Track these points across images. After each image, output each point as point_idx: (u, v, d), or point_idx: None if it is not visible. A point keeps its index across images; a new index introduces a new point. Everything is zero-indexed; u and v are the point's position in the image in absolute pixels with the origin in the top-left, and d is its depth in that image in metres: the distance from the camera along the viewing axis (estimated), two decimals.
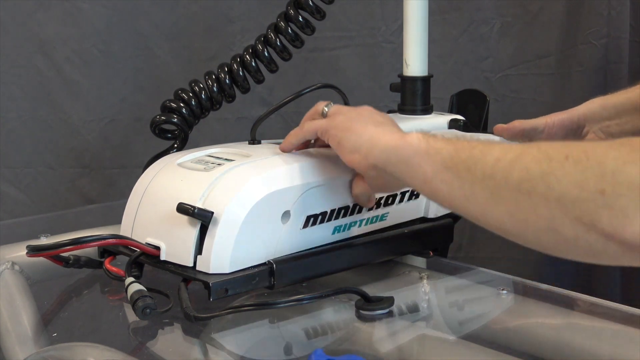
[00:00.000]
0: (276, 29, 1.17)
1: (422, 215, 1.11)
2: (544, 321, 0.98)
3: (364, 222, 1.04)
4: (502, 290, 1.01)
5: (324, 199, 0.99)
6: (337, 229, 1.02)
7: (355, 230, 1.04)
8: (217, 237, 0.92)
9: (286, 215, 0.96)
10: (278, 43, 1.17)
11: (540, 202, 0.76)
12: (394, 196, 1.06)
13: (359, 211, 1.03)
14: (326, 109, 1.00)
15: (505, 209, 0.79)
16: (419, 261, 1.10)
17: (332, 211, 1.00)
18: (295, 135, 1.00)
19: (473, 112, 1.18)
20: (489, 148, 0.82)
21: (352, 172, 1.00)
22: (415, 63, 1.16)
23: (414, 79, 1.16)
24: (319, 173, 0.99)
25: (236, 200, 0.93)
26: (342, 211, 1.01)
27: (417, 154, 0.88)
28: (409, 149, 0.88)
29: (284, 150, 1.01)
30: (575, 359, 0.89)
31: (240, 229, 0.93)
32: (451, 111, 1.20)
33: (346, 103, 1.07)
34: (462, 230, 1.57)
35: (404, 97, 1.17)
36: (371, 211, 1.04)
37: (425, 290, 1.05)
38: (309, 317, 0.96)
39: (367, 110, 0.98)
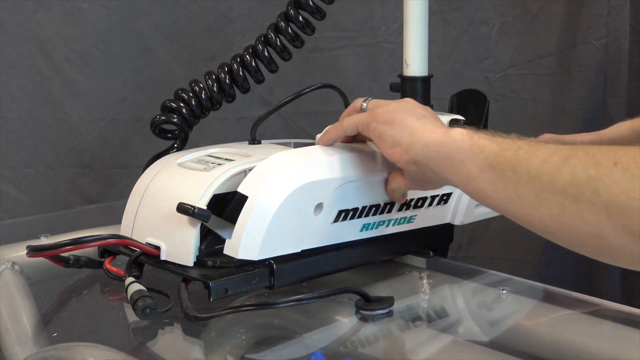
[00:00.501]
0: (276, 29, 1.17)
1: (447, 221, 1.10)
2: (544, 321, 0.98)
3: (392, 222, 1.04)
4: (502, 290, 1.01)
5: (358, 195, 0.98)
6: (365, 227, 1.01)
7: (383, 230, 1.03)
8: (249, 222, 0.92)
9: (319, 207, 0.96)
10: (278, 43, 1.17)
11: (587, 207, 0.75)
12: (424, 199, 1.05)
13: (389, 211, 1.02)
14: (364, 104, 0.98)
15: (550, 212, 0.78)
16: (419, 261, 1.10)
17: (364, 208, 1.00)
18: (335, 130, 0.98)
19: (473, 112, 1.18)
20: (534, 149, 0.81)
21: (388, 170, 0.99)
22: (415, 63, 1.16)
23: (414, 79, 1.16)
24: (356, 168, 0.98)
25: (273, 185, 0.93)
26: (374, 209, 1.01)
27: (461, 151, 0.86)
28: (452, 145, 0.87)
29: (321, 144, 0.99)
30: (575, 359, 0.89)
31: (274, 215, 0.92)
32: (451, 111, 1.20)
33: (346, 103, 1.07)
34: (462, 230, 1.57)
35: (404, 97, 1.17)
36: (400, 212, 1.04)
37: (425, 290, 1.04)
38: (309, 317, 0.96)
39: (408, 103, 0.96)
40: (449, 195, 1.08)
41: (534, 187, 0.79)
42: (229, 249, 0.93)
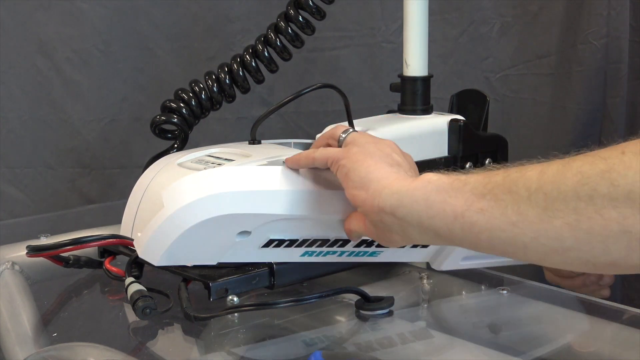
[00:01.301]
0: (276, 29, 1.17)
1: (424, 261, 1.03)
2: (544, 321, 0.98)
3: (347, 253, 0.97)
4: (502, 290, 1.01)
5: (298, 229, 0.92)
6: (308, 253, 0.95)
7: (332, 258, 0.96)
8: (159, 229, 0.90)
9: (245, 233, 0.91)
10: (278, 43, 1.17)
11: (606, 203, 0.69)
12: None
13: (342, 245, 0.95)
14: (343, 135, 0.91)
15: (564, 222, 0.71)
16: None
17: (306, 240, 0.94)
18: (306, 159, 0.91)
19: (473, 112, 1.18)
20: (523, 167, 0.75)
21: (343, 211, 0.91)
22: (415, 63, 1.16)
23: (414, 79, 1.16)
24: (302, 205, 0.90)
25: (195, 204, 0.89)
26: (320, 242, 0.94)
27: (440, 190, 0.78)
28: (428, 187, 0.79)
29: (288, 166, 0.93)
30: (575, 359, 0.89)
31: (186, 231, 0.89)
32: (451, 111, 1.20)
33: (346, 104, 1.06)
34: None
35: (404, 97, 1.17)
36: (360, 247, 0.96)
37: (425, 290, 1.04)
38: (309, 317, 0.96)
39: (387, 146, 0.89)
40: None
41: (539, 200, 0.72)
42: (137, 243, 0.91)
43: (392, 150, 0.88)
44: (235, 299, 0.92)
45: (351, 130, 0.92)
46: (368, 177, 0.84)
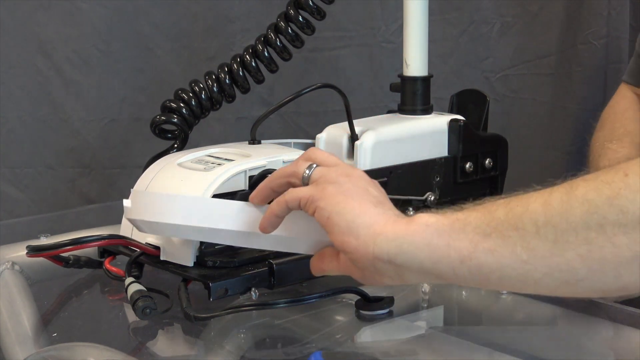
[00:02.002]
0: (276, 29, 1.17)
1: None
2: (544, 321, 0.98)
3: None
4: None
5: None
6: None
7: None
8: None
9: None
10: (278, 43, 1.17)
11: (616, 230, 0.68)
12: None
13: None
14: (307, 172, 0.84)
15: (576, 253, 0.70)
16: None
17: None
18: (278, 205, 0.84)
19: (473, 112, 1.18)
20: (524, 198, 0.73)
21: (309, 250, 0.87)
22: (415, 63, 1.16)
23: (414, 79, 1.16)
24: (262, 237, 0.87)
25: (153, 226, 0.90)
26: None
27: (440, 233, 0.75)
28: (428, 231, 0.76)
29: (251, 200, 0.88)
30: (575, 359, 0.89)
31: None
32: (451, 111, 1.20)
33: (346, 104, 1.06)
34: None
35: (404, 97, 1.17)
36: None
37: (425, 290, 1.04)
38: (309, 317, 0.96)
39: (361, 179, 0.83)
40: None
41: (548, 234, 0.71)
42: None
43: (367, 183, 0.83)
44: (254, 294, 0.92)
45: (314, 165, 0.84)
46: (356, 222, 0.79)
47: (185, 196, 0.91)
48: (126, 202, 0.92)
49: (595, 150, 1.14)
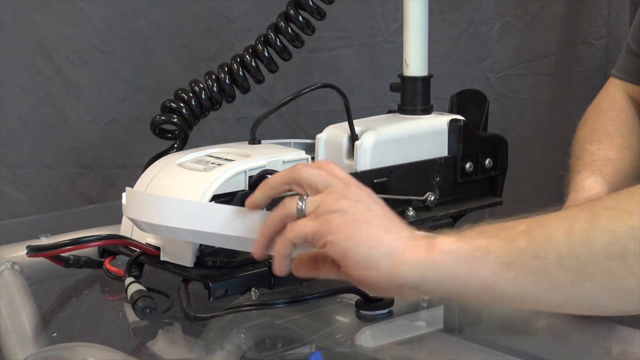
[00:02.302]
0: (276, 29, 1.17)
1: None
2: (543, 321, 0.98)
3: None
4: None
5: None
6: None
7: None
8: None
9: None
10: (278, 43, 1.17)
11: (637, 261, 0.69)
12: None
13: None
14: (300, 204, 0.79)
15: (597, 283, 0.71)
16: None
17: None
18: (284, 246, 0.80)
19: (473, 112, 1.18)
20: (545, 224, 0.73)
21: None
22: (415, 63, 1.16)
23: (414, 79, 1.16)
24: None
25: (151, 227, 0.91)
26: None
27: (462, 262, 0.74)
28: (449, 259, 0.75)
29: (247, 206, 0.85)
30: (575, 359, 0.89)
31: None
32: (451, 111, 1.20)
33: (346, 104, 1.06)
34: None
35: (404, 97, 1.17)
36: None
37: None
38: (309, 317, 0.96)
39: (358, 199, 0.79)
40: None
41: (570, 266, 0.71)
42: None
43: (367, 201, 0.79)
44: (254, 294, 0.92)
45: (305, 196, 0.79)
46: (373, 254, 0.76)
47: (177, 199, 0.90)
48: (124, 199, 0.93)
49: (575, 152, 1.14)
